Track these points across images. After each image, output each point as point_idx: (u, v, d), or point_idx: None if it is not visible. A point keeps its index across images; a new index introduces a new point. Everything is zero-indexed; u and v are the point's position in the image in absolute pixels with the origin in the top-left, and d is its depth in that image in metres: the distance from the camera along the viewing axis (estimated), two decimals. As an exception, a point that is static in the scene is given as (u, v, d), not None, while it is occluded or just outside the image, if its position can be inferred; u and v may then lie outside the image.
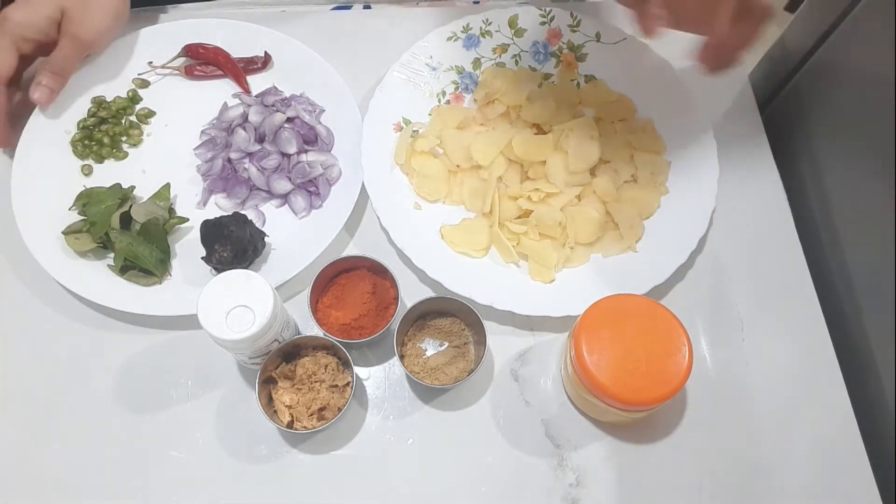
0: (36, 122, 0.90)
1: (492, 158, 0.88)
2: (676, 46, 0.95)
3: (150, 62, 0.96)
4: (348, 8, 1.03)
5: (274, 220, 0.88)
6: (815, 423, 0.79)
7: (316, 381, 0.76)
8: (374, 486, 0.76)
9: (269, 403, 0.75)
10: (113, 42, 0.94)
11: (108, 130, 0.91)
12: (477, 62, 0.96)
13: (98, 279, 0.82)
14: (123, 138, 0.92)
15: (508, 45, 0.97)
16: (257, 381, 0.73)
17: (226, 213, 0.85)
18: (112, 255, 0.84)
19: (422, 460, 0.77)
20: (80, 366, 0.81)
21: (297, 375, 0.76)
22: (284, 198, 0.89)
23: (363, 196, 0.86)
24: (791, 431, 0.79)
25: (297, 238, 0.86)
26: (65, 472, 0.76)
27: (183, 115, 0.94)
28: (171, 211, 0.87)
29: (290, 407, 0.75)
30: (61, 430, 0.78)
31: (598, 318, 0.71)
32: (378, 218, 0.84)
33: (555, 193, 0.86)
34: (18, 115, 0.90)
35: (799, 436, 0.78)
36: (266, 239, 0.84)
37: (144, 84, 0.96)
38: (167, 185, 0.88)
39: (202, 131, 0.93)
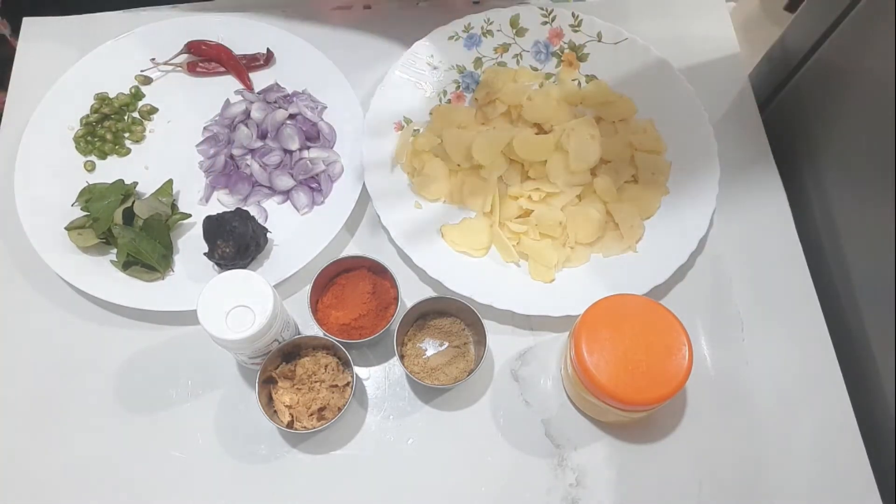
0: (39, 119, 0.88)
1: (492, 158, 0.84)
2: (677, 46, 0.93)
3: (153, 59, 0.93)
4: (348, 8, 1.00)
5: (276, 216, 0.86)
6: (815, 423, 0.76)
7: (316, 381, 0.73)
8: (374, 486, 0.73)
9: (269, 403, 0.72)
10: (116, 39, 0.92)
11: (110, 127, 0.89)
12: (478, 61, 0.93)
13: (101, 275, 0.80)
14: (126, 134, 0.90)
15: (510, 44, 0.93)
16: (257, 381, 0.70)
17: (228, 210, 0.82)
18: (115, 250, 0.81)
19: (422, 460, 0.74)
20: (81, 362, 0.78)
21: (297, 375, 0.74)
22: (286, 194, 0.87)
23: (364, 195, 0.84)
24: (791, 431, 0.76)
25: (299, 234, 0.84)
26: (65, 470, 0.74)
27: (185, 111, 0.91)
28: (173, 207, 0.85)
29: (290, 407, 0.72)
30: (62, 429, 0.75)
31: (598, 318, 0.69)
32: (378, 217, 0.82)
33: (555, 193, 0.83)
34: None
35: (799, 436, 0.76)
36: (268, 235, 0.82)
37: (147, 81, 0.93)
38: (170, 181, 0.86)
39: (205, 128, 0.90)
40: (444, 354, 0.76)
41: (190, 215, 0.84)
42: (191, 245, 0.83)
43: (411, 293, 0.81)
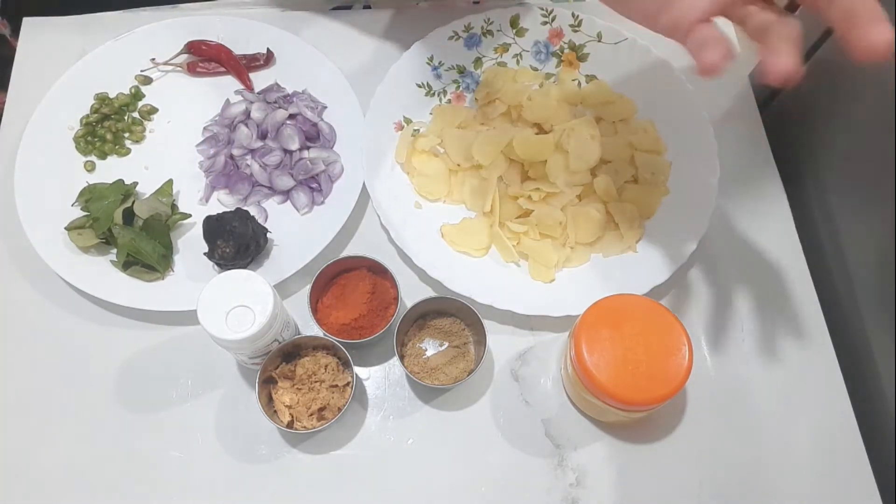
0: (39, 119, 0.87)
1: (492, 158, 0.84)
2: (677, 46, 0.92)
3: (153, 59, 0.93)
4: (348, 8, 0.99)
5: (276, 216, 0.85)
6: (815, 423, 0.76)
7: (316, 381, 0.73)
8: (374, 486, 0.73)
9: (269, 403, 0.72)
10: (116, 39, 0.92)
11: (110, 127, 0.89)
12: (478, 61, 0.93)
13: (101, 275, 0.80)
14: (126, 134, 0.89)
15: (510, 44, 0.93)
16: (257, 381, 0.70)
17: (228, 210, 0.82)
18: (115, 250, 0.81)
19: (422, 460, 0.74)
20: (81, 363, 0.78)
21: (297, 375, 0.73)
22: (286, 194, 0.86)
23: (363, 195, 0.84)
24: (791, 431, 0.75)
25: (299, 234, 0.83)
26: (65, 471, 0.73)
27: (185, 111, 0.91)
28: (173, 207, 0.84)
29: (290, 407, 0.72)
30: (61, 429, 0.75)
31: (598, 318, 0.68)
32: (378, 217, 0.81)
33: (555, 193, 0.82)
34: None
35: (799, 436, 0.75)
36: (268, 235, 0.82)
37: (147, 81, 0.93)
38: (170, 181, 0.85)
39: (205, 128, 0.90)
40: (444, 354, 0.76)
41: (190, 215, 0.84)
42: (191, 245, 0.83)
43: (411, 293, 0.80)
